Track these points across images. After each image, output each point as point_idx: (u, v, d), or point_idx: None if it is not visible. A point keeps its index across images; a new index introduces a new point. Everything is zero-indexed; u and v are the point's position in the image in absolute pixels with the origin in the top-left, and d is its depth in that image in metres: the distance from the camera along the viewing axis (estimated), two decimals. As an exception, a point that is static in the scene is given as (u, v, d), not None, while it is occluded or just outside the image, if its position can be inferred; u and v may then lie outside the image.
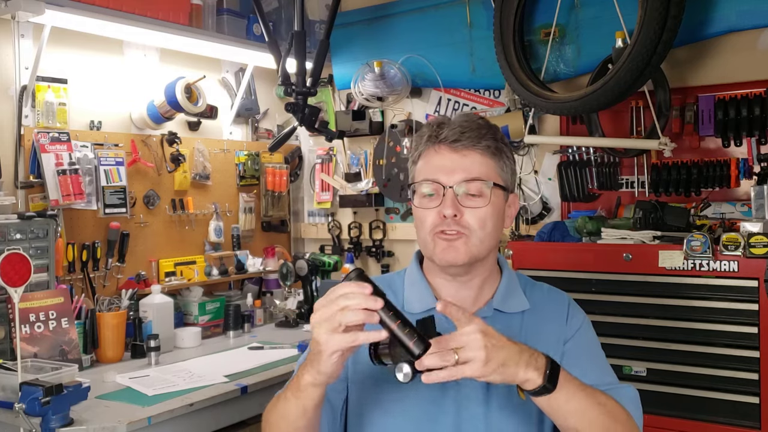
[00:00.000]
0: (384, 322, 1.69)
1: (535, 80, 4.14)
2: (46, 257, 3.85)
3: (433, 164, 2.09)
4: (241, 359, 4.08)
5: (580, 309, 2.26)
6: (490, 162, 2.07)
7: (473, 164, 2.05)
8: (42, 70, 4.10)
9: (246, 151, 5.37)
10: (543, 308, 2.21)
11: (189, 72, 4.82)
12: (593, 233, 3.76)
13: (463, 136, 2.05)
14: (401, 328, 1.69)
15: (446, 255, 2.05)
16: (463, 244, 2.03)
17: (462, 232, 2.03)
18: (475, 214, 2.03)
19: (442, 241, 2.05)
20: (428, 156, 2.11)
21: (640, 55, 3.51)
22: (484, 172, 2.05)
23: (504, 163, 2.11)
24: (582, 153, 4.29)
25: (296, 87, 4.48)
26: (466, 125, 2.08)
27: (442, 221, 2.04)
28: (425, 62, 4.87)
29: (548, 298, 2.26)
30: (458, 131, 2.06)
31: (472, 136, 2.05)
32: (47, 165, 4.05)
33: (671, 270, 3.37)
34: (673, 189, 3.97)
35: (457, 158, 2.06)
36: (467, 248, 2.03)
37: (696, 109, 3.91)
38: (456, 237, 2.03)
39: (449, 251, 2.04)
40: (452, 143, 2.06)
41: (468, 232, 2.03)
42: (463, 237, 2.03)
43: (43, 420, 2.87)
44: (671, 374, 3.38)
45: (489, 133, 2.08)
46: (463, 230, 2.03)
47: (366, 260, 5.50)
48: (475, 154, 2.06)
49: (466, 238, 2.03)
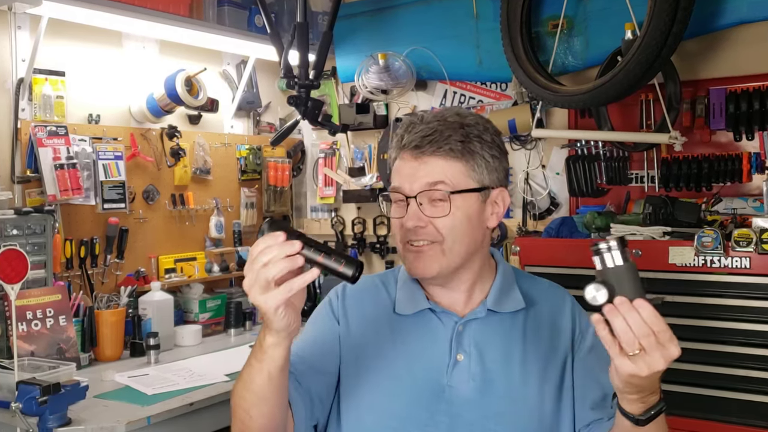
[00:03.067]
0: (310, 259, 1.69)
1: (543, 73, 4.13)
2: (43, 253, 3.85)
3: (398, 172, 2.07)
4: (242, 358, 3.99)
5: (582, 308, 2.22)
6: (456, 165, 2.01)
7: (434, 170, 2.00)
8: (39, 63, 4.09)
9: (247, 145, 5.36)
10: (542, 306, 2.17)
11: (189, 64, 4.81)
12: (602, 229, 3.75)
13: (424, 140, 2.00)
14: (327, 259, 1.70)
15: (415, 268, 2.04)
16: (431, 255, 2.01)
17: (432, 241, 2.00)
18: (441, 223, 1.99)
19: (410, 253, 2.04)
20: (397, 164, 2.08)
21: (650, 47, 3.50)
22: (448, 177, 2.00)
23: (476, 163, 2.03)
24: (591, 147, 4.28)
25: (299, 80, 4.47)
26: (432, 127, 2.02)
27: (408, 232, 2.02)
28: (430, 54, 4.86)
29: (548, 295, 2.23)
30: (419, 136, 2.01)
31: (433, 140, 1.99)
32: (44, 159, 4.04)
33: (682, 266, 3.36)
34: (684, 184, 3.96)
35: (418, 165, 2.01)
36: (436, 259, 2.01)
37: (707, 103, 3.90)
38: (423, 248, 2.01)
39: (418, 263, 2.03)
40: (413, 150, 2.02)
41: (437, 240, 2.00)
42: (432, 247, 2.00)
43: (41, 420, 2.87)
44: (683, 373, 3.36)
45: (455, 134, 2.01)
46: (431, 239, 2.00)
47: (370, 256, 5.49)
48: (436, 160, 2.00)
49: (436, 247, 2.01)
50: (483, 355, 2.04)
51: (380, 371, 2.05)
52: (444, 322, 2.08)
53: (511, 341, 2.07)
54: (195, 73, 4.70)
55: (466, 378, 2.02)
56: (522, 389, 2.04)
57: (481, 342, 2.05)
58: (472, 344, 2.04)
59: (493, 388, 2.02)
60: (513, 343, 2.07)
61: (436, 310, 2.09)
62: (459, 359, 2.03)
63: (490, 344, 2.06)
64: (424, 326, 2.09)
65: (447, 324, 2.07)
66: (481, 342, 2.05)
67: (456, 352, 2.03)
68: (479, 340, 2.05)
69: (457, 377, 2.02)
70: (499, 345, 2.06)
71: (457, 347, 2.04)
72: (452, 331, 2.06)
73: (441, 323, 2.07)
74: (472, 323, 2.07)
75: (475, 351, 2.03)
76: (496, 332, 2.03)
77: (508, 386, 2.03)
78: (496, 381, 2.03)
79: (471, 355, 2.03)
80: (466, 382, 2.02)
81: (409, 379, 2.04)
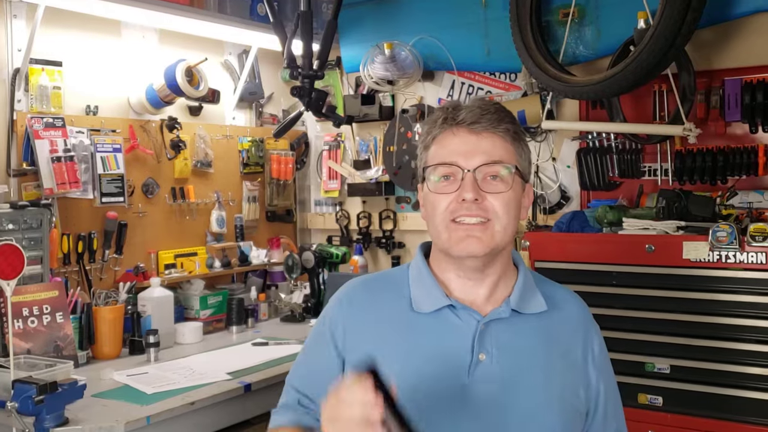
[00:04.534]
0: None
1: (553, 63, 4.12)
2: (39, 248, 3.86)
3: (450, 147, 2.03)
4: (244, 356, 4.08)
5: (595, 322, 2.22)
6: (509, 147, 2.02)
7: (494, 147, 2.00)
8: (36, 52, 4.09)
9: (250, 138, 5.37)
10: (560, 312, 2.15)
11: (190, 54, 4.81)
12: (614, 223, 3.74)
13: (483, 118, 2.00)
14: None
15: (465, 245, 1.99)
16: (483, 232, 1.97)
17: (484, 218, 1.97)
18: (497, 199, 1.98)
19: (459, 230, 1.99)
20: (444, 139, 2.05)
21: (664, 36, 3.50)
22: (505, 156, 2.00)
23: (523, 150, 2.06)
24: (602, 139, 4.27)
25: (302, 70, 4.47)
26: (485, 107, 2.02)
27: (460, 206, 1.98)
28: (438, 44, 4.85)
29: (566, 301, 2.20)
30: (478, 113, 2.00)
31: (492, 119, 2.00)
32: (41, 152, 4.05)
33: (696, 262, 3.35)
34: (698, 177, 3.95)
35: (477, 141, 2.00)
36: (488, 237, 1.97)
37: (722, 93, 3.90)
38: (476, 226, 1.97)
39: (468, 241, 1.98)
40: (471, 125, 2.00)
41: (492, 216, 1.98)
42: (484, 225, 1.97)
43: (37, 419, 2.88)
44: (696, 371, 3.37)
45: (508, 117, 2.04)
46: (485, 215, 1.97)
47: (376, 252, 5.48)
48: (495, 137, 2.00)
49: (488, 225, 1.98)
50: (506, 357, 2.01)
51: (399, 370, 2.03)
52: (464, 320, 2.05)
53: (535, 344, 2.05)
54: (196, 63, 4.70)
55: (488, 378, 2.00)
56: (544, 394, 2.02)
57: (504, 343, 2.02)
58: (495, 344, 2.01)
59: (516, 391, 1.99)
60: (536, 346, 2.05)
61: (457, 307, 2.05)
62: (481, 359, 2.00)
63: (513, 346, 2.03)
64: (443, 324, 2.06)
65: (468, 322, 2.04)
66: (504, 343, 2.02)
67: (478, 352, 2.01)
68: (503, 340, 2.02)
69: (479, 377, 1.99)
70: (523, 347, 2.04)
71: (479, 347, 2.01)
72: (474, 330, 2.03)
73: (461, 321, 2.04)
74: (495, 323, 2.04)
75: (497, 352, 2.01)
76: (519, 334, 2.01)
77: (530, 389, 2.00)
78: (520, 383, 2.00)
79: (493, 355, 2.01)
80: (488, 382, 1.99)
81: (429, 377, 2.02)
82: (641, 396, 3.45)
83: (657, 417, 3.43)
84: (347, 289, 2.22)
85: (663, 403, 3.43)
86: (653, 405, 3.44)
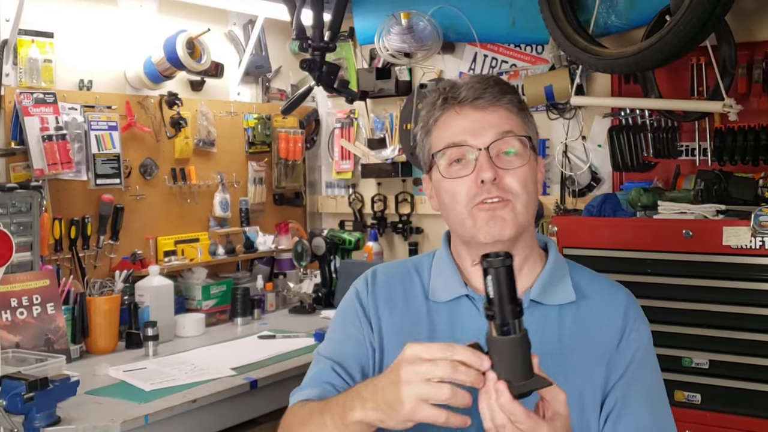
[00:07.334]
0: None
1: (583, 34, 4.09)
2: (29, 234, 3.87)
3: (455, 128, 2.04)
4: (250, 350, 4.09)
5: (644, 317, 2.17)
6: (517, 119, 2.04)
7: (502, 120, 2.01)
8: (25, 23, 4.09)
9: (256, 114, 5.37)
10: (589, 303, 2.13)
11: (191, 25, 4.81)
12: (649, 207, 3.73)
13: (485, 92, 2.01)
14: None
15: (492, 228, 1.98)
16: (508, 212, 1.98)
17: (505, 198, 1.98)
18: (515, 175, 1.99)
19: (483, 213, 1.99)
20: (447, 120, 2.06)
21: (702, 5, 3.46)
22: (515, 127, 2.02)
23: (530, 121, 2.09)
24: (636, 116, 4.26)
25: (313, 41, 4.46)
26: (485, 81, 2.04)
27: (480, 189, 1.98)
28: (459, 13, 4.82)
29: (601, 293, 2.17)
30: (479, 88, 2.02)
31: (494, 92, 2.02)
32: (31, 130, 4.05)
33: (737, 249, 3.33)
34: (739, 157, 3.93)
35: (483, 116, 2.01)
36: (513, 217, 1.98)
37: (765, 67, 3.88)
38: (499, 205, 1.98)
39: (494, 223, 1.98)
40: (474, 101, 2.02)
41: (511, 197, 1.98)
42: (506, 204, 1.98)
43: (26, 418, 2.88)
44: (737, 366, 3.35)
45: (510, 89, 2.06)
46: (506, 195, 1.98)
47: (391, 237, 5.48)
48: (501, 110, 2.02)
49: (510, 204, 1.98)
50: None
51: None
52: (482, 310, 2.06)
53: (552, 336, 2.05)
54: (198, 34, 4.70)
55: None
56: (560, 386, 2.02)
57: None
58: None
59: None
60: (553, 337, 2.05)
61: (474, 297, 2.08)
62: None
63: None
64: (459, 313, 2.09)
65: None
66: None
67: None
68: None
69: None
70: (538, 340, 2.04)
71: None
72: None
73: (478, 311, 2.05)
74: None
75: None
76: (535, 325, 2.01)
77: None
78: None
79: None
80: None
81: None
82: (678, 393, 3.43)
83: (695, 416, 3.42)
84: (370, 272, 2.27)
85: (701, 400, 3.42)
86: (691, 403, 3.43)
